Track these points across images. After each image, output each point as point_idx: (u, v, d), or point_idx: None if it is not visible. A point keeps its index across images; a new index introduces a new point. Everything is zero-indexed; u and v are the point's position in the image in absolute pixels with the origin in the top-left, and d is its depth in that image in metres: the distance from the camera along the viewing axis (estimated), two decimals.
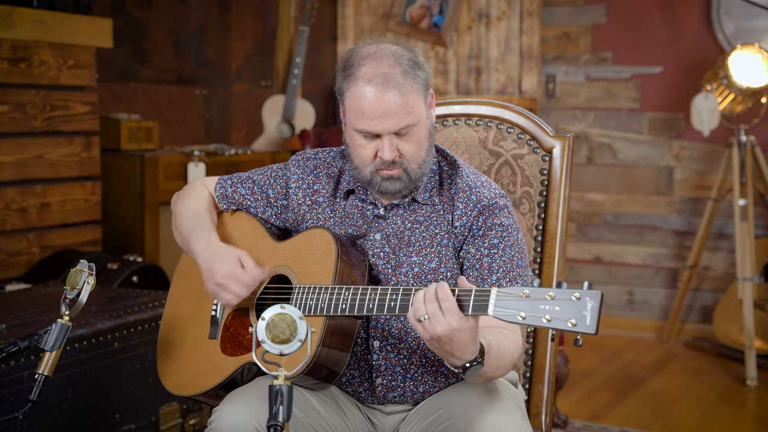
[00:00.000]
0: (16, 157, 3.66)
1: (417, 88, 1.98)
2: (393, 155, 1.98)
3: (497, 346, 1.87)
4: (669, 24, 5.44)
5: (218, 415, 1.92)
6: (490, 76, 5.73)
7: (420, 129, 2.00)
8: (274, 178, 2.19)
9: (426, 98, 2.02)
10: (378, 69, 1.95)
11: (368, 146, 1.99)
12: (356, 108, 1.97)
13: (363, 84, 1.95)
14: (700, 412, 4.21)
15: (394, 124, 1.96)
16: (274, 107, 5.33)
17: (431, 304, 1.74)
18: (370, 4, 5.95)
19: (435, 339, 1.74)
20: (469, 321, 1.73)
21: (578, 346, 1.63)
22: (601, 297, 1.62)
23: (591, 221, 5.72)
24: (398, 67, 1.96)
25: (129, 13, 4.63)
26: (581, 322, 1.62)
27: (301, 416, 1.97)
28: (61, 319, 2.01)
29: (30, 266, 3.74)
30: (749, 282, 4.71)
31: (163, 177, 4.26)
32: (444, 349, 1.75)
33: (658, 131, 5.52)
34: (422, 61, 2.01)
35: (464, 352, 1.76)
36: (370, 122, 1.96)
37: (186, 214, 2.20)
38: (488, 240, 2.02)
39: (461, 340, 1.74)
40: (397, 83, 1.94)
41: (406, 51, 2.00)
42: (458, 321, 1.72)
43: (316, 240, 2.04)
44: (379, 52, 1.98)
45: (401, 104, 1.95)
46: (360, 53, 1.99)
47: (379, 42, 2.01)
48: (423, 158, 2.02)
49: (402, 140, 1.98)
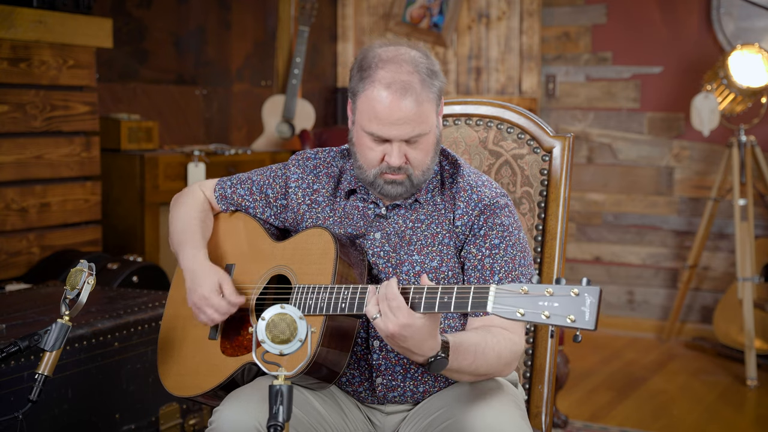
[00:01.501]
0: (16, 157, 3.66)
1: (432, 98, 1.97)
2: (400, 162, 1.98)
3: (474, 343, 1.89)
4: (669, 24, 5.44)
5: (219, 416, 1.92)
6: (490, 76, 5.73)
7: (429, 138, 2.00)
8: (274, 177, 2.19)
9: (438, 107, 2.02)
10: (397, 75, 1.94)
11: (376, 149, 1.99)
12: (370, 110, 1.96)
13: (381, 88, 1.94)
14: (700, 412, 4.21)
15: (406, 132, 1.96)
16: (274, 107, 5.33)
17: (382, 303, 1.79)
18: (370, 4, 5.95)
19: (389, 336, 1.79)
20: (422, 319, 1.77)
21: (577, 342, 1.63)
22: (599, 293, 1.62)
23: (591, 221, 5.72)
24: (417, 75, 1.95)
25: (129, 13, 4.63)
26: (580, 318, 1.62)
27: (301, 416, 1.97)
28: (61, 319, 2.01)
29: (30, 266, 3.74)
30: (749, 282, 4.71)
31: (163, 177, 4.26)
32: (400, 345, 1.80)
33: (658, 131, 5.52)
34: (438, 69, 2.00)
35: (422, 348, 1.79)
36: (382, 127, 1.96)
37: (177, 224, 2.21)
38: (489, 240, 2.02)
39: (415, 337, 1.77)
40: (415, 92, 1.94)
41: (424, 58, 1.99)
42: (407, 318, 1.75)
43: (315, 240, 2.04)
44: (398, 57, 1.96)
45: (416, 113, 1.94)
46: (378, 55, 1.98)
47: (398, 45, 2.00)
48: (428, 165, 2.02)
49: (411, 147, 1.98)
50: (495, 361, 1.93)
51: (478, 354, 1.89)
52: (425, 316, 1.77)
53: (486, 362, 1.92)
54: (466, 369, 1.90)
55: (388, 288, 1.78)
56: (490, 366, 1.94)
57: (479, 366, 1.91)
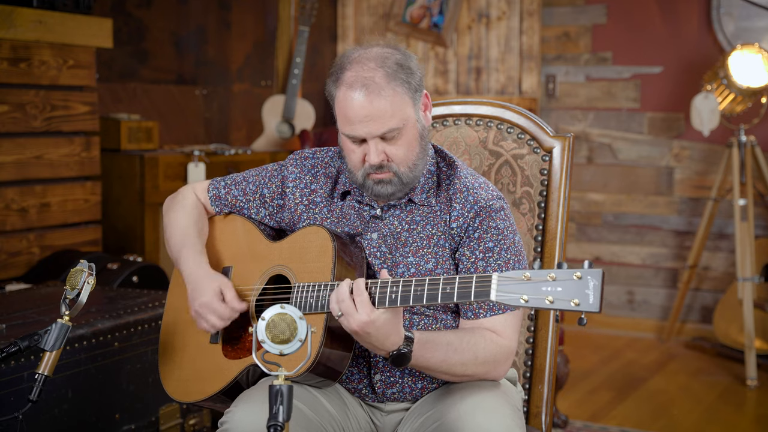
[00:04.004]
0: (16, 157, 3.66)
1: (401, 91, 1.96)
2: (379, 159, 1.97)
3: (446, 341, 1.91)
4: (669, 24, 5.44)
5: (231, 416, 1.92)
6: (490, 76, 5.73)
7: (408, 132, 1.98)
8: (270, 177, 2.19)
9: (415, 101, 2.00)
10: (360, 73, 1.95)
11: (357, 150, 2.00)
12: (341, 113, 1.98)
13: (345, 89, 1.96)
14: (700, 412, 4.21)
15: (377, 128, 1.95)
16: (274, 107, 5.33)
17: (343, 302, 1.83)
18: (370, 4, 5.95)
19: (353, 332, 1.84)
20: (385, 314, 1.81)
21: (582, 325, 1.64)
22: (602, 275, 1.63)
23: (591, 221, 5.72)
24: (380, 70, 1.94)
25: (129, 13, 4.63)
26: (584, 301, 1.62)
27: (312, 416, 1.97)
28: (61, 319, 2.01)
29: (30, 266, 3.74)
30: (749, 282, 4.71)
31: (163, 177, 4.26)
32: (364, 340, 1.85)
33: (658, 131, 5.52)
34: (412, 63, 1.99)
35: (384, 342, 1.84)
36: (353, 127, 1.96)
37: (173, 230, 2.20)
38: (483, 243, 2.02)
39: (378, 333, 1.82)
40: (378, 87, 1.93)
41: (395, 53, 1.98)
42: (368, 315, 1.80)
43: (312, 238, 2.03)
44: (363, 56, 1.97)
45: (383, 108, 1.94)
46: (348, 57, 1.99)
47: (369, 46, 2.00)
48: (414, 161, 2.01)
49: (389, 144, 1.98)
50: (471, 359, 1.93)
51: (449, 351, 1.91)
52: (387, 311, 1.82)
53: (460, 360, 1.92)
54: (437, 366, 1.92)
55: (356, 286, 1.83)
56: (466, 365, 1.94)
57: (452, 364, 1.92)
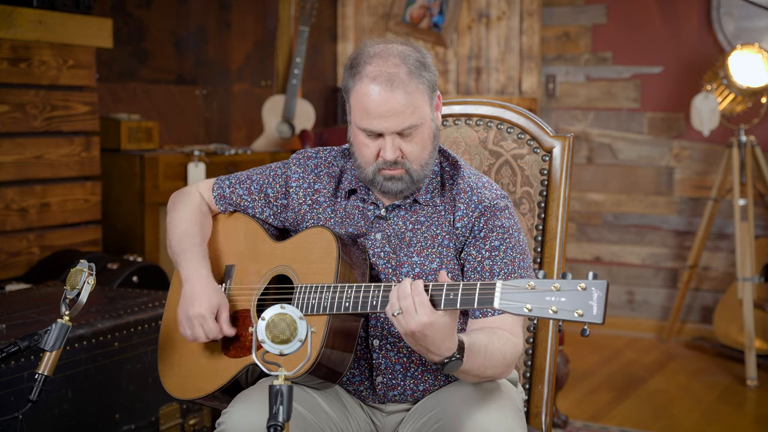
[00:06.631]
0: (16, 157, 3.66)
1: (422, 89, 1.97)
2: (395, 155, 1.98)
3: (483, 344, 1.89)
4: (669, 24, 5.44)
5: (228, 417, 1.92)
6: (490, 76, 5.73)
7: (424, 130, 1.99)
8: (274, 177, 2.19)
9: (432, 100, 2.01)
10: (383, 68, 1.95)
11: (371, 145, 1.99)
12: (360, 106, 1.97)
13: (368, 82, 1.95)
14: (700, 412, 4.21)
15: (397, 124, 1.96)
16: (274, 107, 5.33)
17: (405, 299, 1.77)
18: (370, 4, 5.95)
19: (409, 334, 1.77)
20: (444, 317, 1.76)
21: (585, 337, 1.64)
22: (606, 287, 1.63)
23: (591, 221, 5.72)
24: (404, 66, 1.96)
25: (129, 13, 4.63)
26: (588, 312, 1.62)
27: (310, 417, 1.97)
28: (61, 319, 2.01)
29: (30, 266, 3.73)
30: (749, 282, 4.71)
31: (163, 177, 4.26)
32: (419, 343, 1.79)
33: (658, 131, 5.52)
34: (430, 62, 2.01)
35: (440, 347, 1.78)
36: (373, 121, 1.96)
37: (176, 230, 2.18)
38: (489, 242, 2.02)
39: (435, 336, 1.76)
40: (402, 83, 1.94)
41: (414, 51, 2.00)
42: (429, 316, 1.74)
43: (317, 239, 2.03)
44: (385, 52, 1.98)
45: (405, 104, 1.95)
46: (367, 52, 1.99)
47: (388, 41, 2.01)
48: (426, 160, 2.02)
49: (405, 141, 1.98)
50: (501, 362, 1.93)
51: (487, 356, 1.89)
52: (447, 313, 1.76)
53: (493, 364, 1.92)
54: (475, 371, 1.90)
55: (414, 285, 1.77)
56: (497, 368, 1.94)
57: (487, 368, 1.91)
